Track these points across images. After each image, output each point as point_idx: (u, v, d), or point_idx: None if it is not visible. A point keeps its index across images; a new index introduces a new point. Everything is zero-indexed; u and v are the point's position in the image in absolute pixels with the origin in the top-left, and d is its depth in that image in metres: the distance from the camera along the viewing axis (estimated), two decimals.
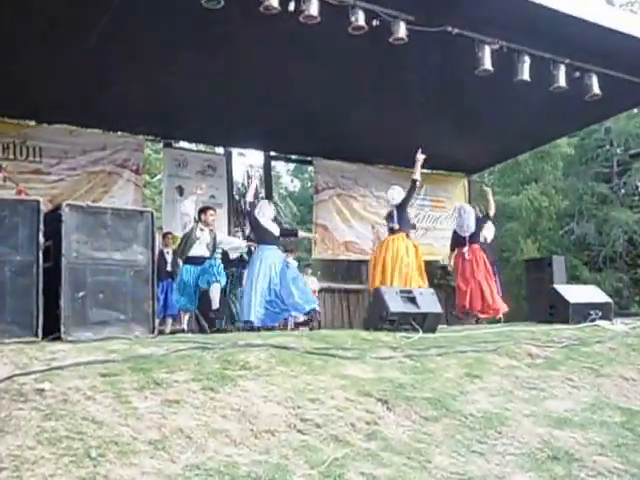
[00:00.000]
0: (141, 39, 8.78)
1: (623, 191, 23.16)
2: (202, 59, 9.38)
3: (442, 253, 15.47)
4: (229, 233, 13.12)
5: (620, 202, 22.68)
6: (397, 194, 9.68)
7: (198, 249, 8.92)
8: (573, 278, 18.66)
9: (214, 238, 9.15)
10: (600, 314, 8.33)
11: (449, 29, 8.59)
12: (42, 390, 3.83)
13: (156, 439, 3.45)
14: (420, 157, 9.65)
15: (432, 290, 7.61)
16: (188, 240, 8.95)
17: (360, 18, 7.99)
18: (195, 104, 10.91)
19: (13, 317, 5.33)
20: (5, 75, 9.20)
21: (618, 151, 23.00)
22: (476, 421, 4.34)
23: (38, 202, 5.62)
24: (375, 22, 8.14)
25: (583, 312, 8.33)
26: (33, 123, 11.74)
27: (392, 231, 9.45)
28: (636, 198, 23.29)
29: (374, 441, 3.87)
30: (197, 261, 8.89)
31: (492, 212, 10.83)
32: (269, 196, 15.60)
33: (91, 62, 9.16)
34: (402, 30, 8.28)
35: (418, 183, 9.84)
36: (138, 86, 10.12)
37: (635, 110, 19.64)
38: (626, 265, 22.18)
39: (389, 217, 9.63)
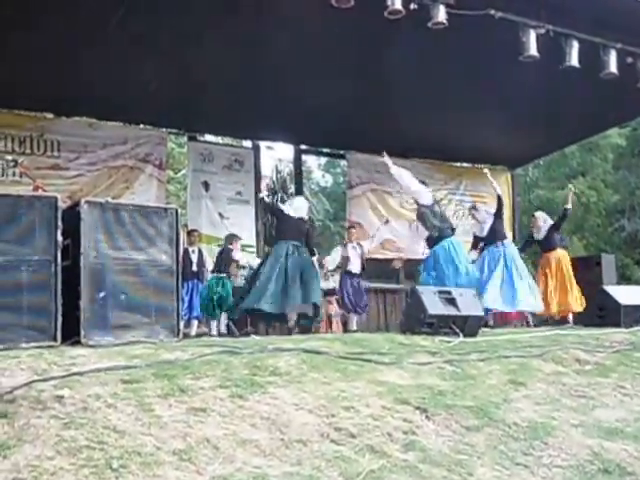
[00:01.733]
0: (164, 27, 8.81)
1: None
2: (229, 48, 9.41)
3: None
4: (256, 231, 13.20)
5: None
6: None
7: None
8: (624, 278, 18.44)
9: None
10: None
11: (492, 12, 8.50)
12: (61, 397, 3.85)
13: (181, 449, 3.45)
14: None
15: (473, 291, 7.56)
16: None
17: (397, 1, 7.93)
18: (221, 95, 10.92)
19: (31, 320, 5.39)
20: (22, 66, 9.30)
21: None
22: (521, 431, 4.29)
23: (56, 199, 5.68)
24: (413, 5, 8.07)
25: (635, 315, 8.23)
26: (51, 116, 11.82)
27: None
28: None
29: (412, 452, 3.84)
30: None
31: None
32: (299, 192, 15.63)
33: (111, 52, 9.21)
34: (442, 14, 8.21)
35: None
36: (161, 76, 10.16)
37: None
38: None
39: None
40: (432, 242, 9.26)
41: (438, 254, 9.09)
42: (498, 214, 10.06)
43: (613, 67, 9.50)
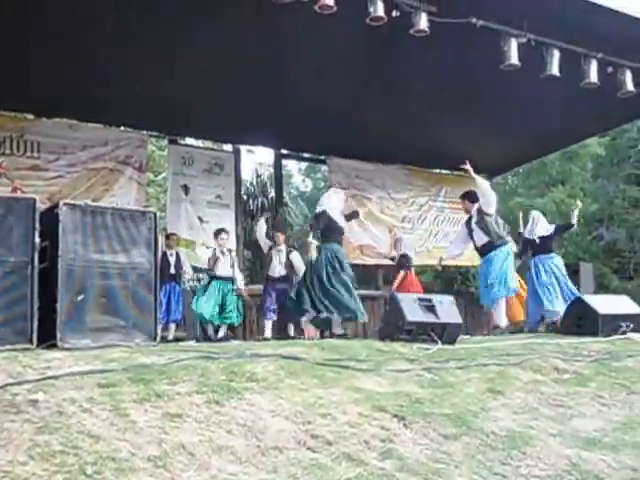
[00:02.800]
0: (146, 29, 8.77)
1: None
2: (210, 51, 9.37)
3: (461, 258, 15.38)
4: (236, 234, 13.17)
5: None
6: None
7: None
8: (602, 287, 18.53)
9: None
10: (632, 326, 8.23)
11: (474, 21, 8.52)
12: (36, 401, 3.79)
13: (156, 455, 3.41)
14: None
15: (452, 299, 7.54)
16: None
17: (379, 8, 7.93)
18: (202, 98, 10.89)
19: (6, 322, 5.31)
20: (3, 66, 9.21)
21: None
22: (499, 440, 4.27)
23: (34, 200, 5.61)
24: (395, 13, 8.10)
25: (613, 324, 8.22)
26: (31, 117, 11.76)
27: None
28: None
29: (389, 460, 3.80)
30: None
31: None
32: (279, 197, 15.61)
33: (93, 52, 9.16)
34: (423, 22, 8.23)
35: None
36: (142, 78, 10.11)
37: None
38: None
39: None
40: (488, 249, 9.52)
41: (498, 258, 9.37)
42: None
43: (594, 77, 9.56)
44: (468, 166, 9.56)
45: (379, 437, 4.05)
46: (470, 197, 9.85)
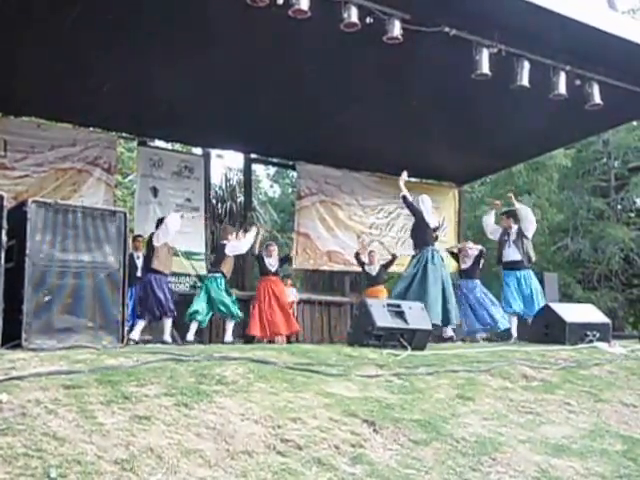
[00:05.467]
0: (118, 29, 8.64)
1: (620, 207, 23.17)
2: (181, 55, 9.25)
3: None
4: (206, 239, 13.10)
5: (617, 218, 22.69)
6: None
7: None
8: (565, 296, 18.67)
9: None
10: (598, 335, 8.28)
11: (446, 30, 8.53)
12: None
13: (123, 458, 3.33)
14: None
15: (422, 305, 7.53)
16: None
17: (353, 15, 7.91)
18: (172, 101, 10.76)
19: None
20: None
21: (616, 164, 23.03)
22: (469, 446, 4.25)
23: (2, 197, 5.49)
24: (369, 19, 8.07)
25: (580, 333, 8.28)
26: None
27: None
28: (633, 214, 23.35)
29: (359, 465, 3.77)
30: None
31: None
32: (248, 201, 15.53)
33: (63, 51, 9.04)
34: (397, 29, 8.21)
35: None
36: (112, 79, 9.99)
37: (635, 122, 19.70)
38: (621, 284, 22.20)
39: None
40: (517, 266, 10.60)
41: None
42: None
43: (562, 88, 9.61)
44: (499, 202, 11.04)
45: (349, 442, 4.01)
46: (515, 217, 10.82)
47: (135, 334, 9.52)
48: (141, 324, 9.82)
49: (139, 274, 10.72)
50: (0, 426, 3.45)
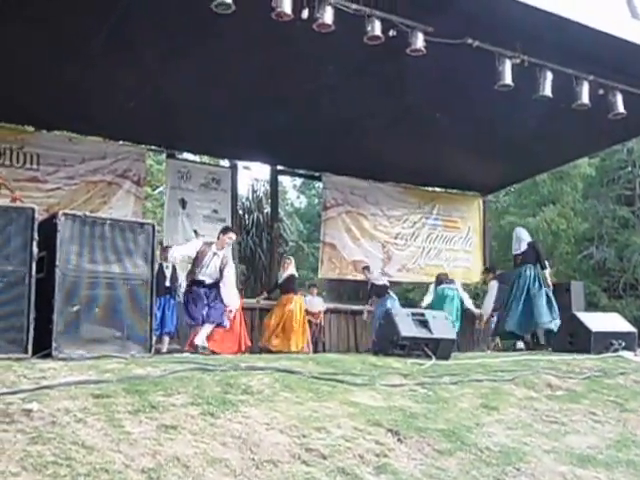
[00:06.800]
0: (146, 46, 8.73)
1: None
2: (208, 68, 9.33)
3: (453, 275, 15.36)
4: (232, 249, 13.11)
5: None
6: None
7: None
8: (591, 305, 18.48)
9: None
10: (623, 344, 8.18)
11: (469, 41, 8.50)
12: (29, 411, 3.72)
13: (150, 467, 3.33)
14: None
15: (446, 314, 7.49)
16: None
17: (376, 28, 7.90)
18: (200, 114, 10.85)
19: (2, 331, 5.23)
20: (4, 79, 9.17)
21: None
22: (493, 456, 4.20)
23: (33, 210, 5.53)
24: (392, 32, 8.06)
25: (605, 341, 8.18)
26: (32, 129, 11.70)
27: None
28: None
29: (384, 475, 3.74)
30: None
31: None
32: (275, 212, 15.56)
33: (93, 67, 9.13)
34: (420, 41, 8.19)
35: None
36: (141, 94, 10.10)
37: None
38: None
39: None
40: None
41: None
42: None
43: (585, 98, 9.53)
44: None
45: (373, 452, 3.98)
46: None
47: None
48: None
49: (167, 284, 10.77)
50: (31, 434, 3.47)
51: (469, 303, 12.87)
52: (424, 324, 6.99)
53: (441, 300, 12.29)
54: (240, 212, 15.87)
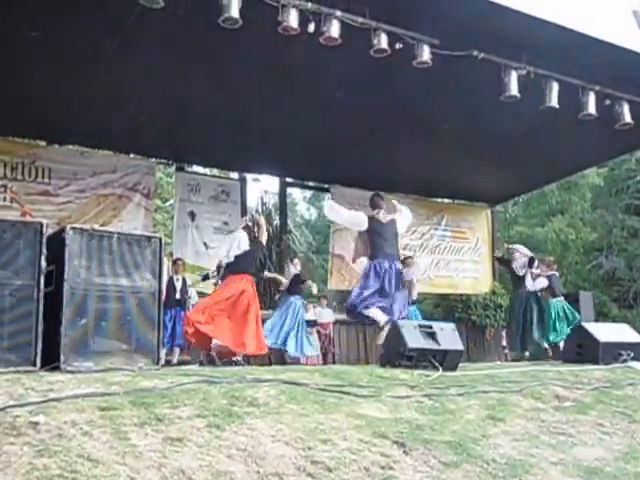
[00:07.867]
0: (155, 60, 8.78)
1: None
2: (217, 81, 9.38)
3: (462, 286, 15.34)
4: None
5: None
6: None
7: None
8: (601, 315, 18.41)
9: None
10: (632, 355, 8.12)
11: (475, 53, 8.52)
12: (36, 423, 3.70)
13: None
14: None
15: (453, 326, 7.44)
16: None
17: (383, 41, 7.94)
18: (209, 127, 10.91)
19: (10, 344, 5.24)
20: (16, 94, 9.25)
21: None
22: (499, 468, 4.16)
23: (41, 224, 5.55)
24: (398, 45, 8.09)
25: (614, 352, 8.11)
26: (43, 143, 11.77)
27: None
28: None
29: None
30: None
31: None
32: (284, 224, 15.56)
33: (103, 82, 9.18)
34: (426, 54, 8.22)
35: None
36: (151, 108, 10.15)
37: None
38: None
39: None
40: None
41: None
42: None
43: (592, 108, 9.53)
44: None
45: (379, 464, 3.95)
46: None
47: None
48: None
49: (178, 296, 10.78)
50: (37, 447, 3.46)
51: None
52: (431, 335, 6.95)
53: None
54: (250, 224, 15.80)
